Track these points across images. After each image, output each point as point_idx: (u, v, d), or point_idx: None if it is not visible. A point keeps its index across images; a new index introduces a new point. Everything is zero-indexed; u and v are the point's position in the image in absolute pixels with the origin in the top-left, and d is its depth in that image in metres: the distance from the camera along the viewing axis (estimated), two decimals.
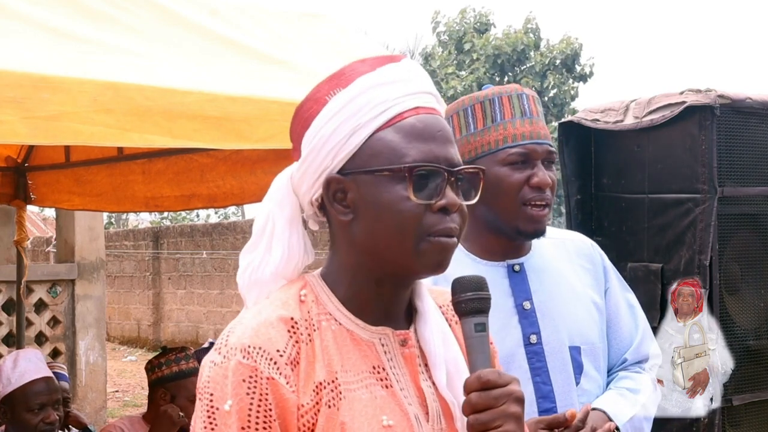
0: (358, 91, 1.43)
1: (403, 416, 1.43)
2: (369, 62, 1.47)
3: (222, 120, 2.92)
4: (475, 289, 1.46)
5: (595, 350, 2.34)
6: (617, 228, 4.02)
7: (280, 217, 1.48)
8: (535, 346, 2.28)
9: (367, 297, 1.46)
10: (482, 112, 2.31)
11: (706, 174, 3.69)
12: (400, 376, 1.46)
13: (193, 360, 4.17)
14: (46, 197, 5.45)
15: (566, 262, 2.40)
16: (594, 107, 4.08)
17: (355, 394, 1.40)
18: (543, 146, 2.28)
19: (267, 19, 3.72)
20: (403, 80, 1.45)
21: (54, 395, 3.80)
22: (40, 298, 8.30)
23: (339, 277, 1.47)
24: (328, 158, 1.43)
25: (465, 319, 1.46)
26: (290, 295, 1.45)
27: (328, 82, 1.47)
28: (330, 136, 1.42)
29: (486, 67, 24.73)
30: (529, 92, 2.34)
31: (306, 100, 1.48)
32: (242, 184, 4.71)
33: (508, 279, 2.31)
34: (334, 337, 1.43)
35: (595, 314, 2.37)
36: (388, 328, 1.47)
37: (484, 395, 1.38)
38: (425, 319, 1.50)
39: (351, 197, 1.42)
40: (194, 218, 26.06)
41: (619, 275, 2.50)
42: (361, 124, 1.41)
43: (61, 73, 2.66)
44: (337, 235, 1.47)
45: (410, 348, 1.48)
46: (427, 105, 1.45)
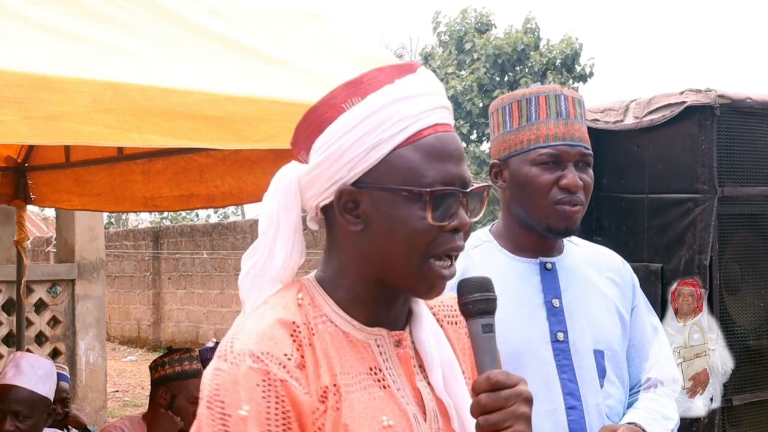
0: (378, 104, 1.43)
1: (402, 416, 1.43)
2: (387, 71, 1.46)
3: (222, 120, 2.92)
4: (482, 290, 1.47)
5: (617, 357, 2.34)
6: (617, 228, 4.01)
7: (287, 221, 1.47)
8: (562, 344, 2.28)
9: (365, 300, 1.46)
10: (518, 111, 2.32)
11: (706, 174, 3.69)
12: (396, 377, 1.46)
13: (196, 362, 4.18)
14: (46, 197, 5.45)
15: (595, 270, 2.41)
16: (594, 107, 4.08)
17: (354, 396, 1.41)
18: (576, 148, 2.28)
19: (267, 19, 3.71)
20: (422, 94, 1.45)
21: (12, 405, 3.77)
22: (40, 298, 8.30)
23: (338, 280, 1.47)
24: (344, 169, 1.43)
25: (472, 320, 1.46)
26: (289, 299, 1.45)
27: (345, 89, 1.46)
28: (348, 149, 1.42)
29: (486, 67, 24.71)
30: (570, 93, 2.33)
31: (320, 104, 1.47)
32: (241, 184, 4.71)
33: (540, 276, 2.32)
34: (332, 339, 1.43)
35: (620, 324, 2.37)
36: (383, 329, 1.47)
37: (494, 396, 1.38)
38: (420, 321, 1.51)
39: (363, 209, 1.43)
40: (194, 218, 26.05)
41: (645, 298, 2.51)
42: (383, 140, 1.42)
43: (61, 73, 2.65)
44: (340, 241, 1.47)
45: (405, 348, 1.49)
46: (444, 121, 1.47)
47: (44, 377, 3.89)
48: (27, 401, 3.78)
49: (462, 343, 1.58)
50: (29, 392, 3.79)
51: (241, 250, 14.18)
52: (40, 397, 3.82)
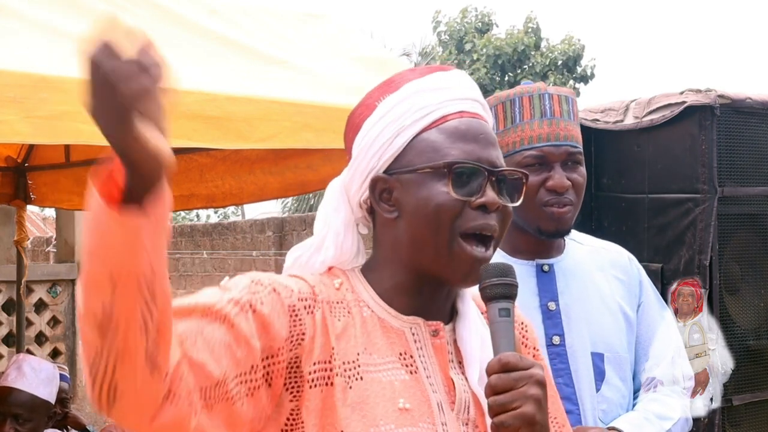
0: (404, 95, 1.49)
1: (423, 401, 1.46)
2: (419, 71, 1.54)
3: (222, 120, 2.92)
4: (500, 275, 1.47)
5: (619, 359, 2.31)
6: (617, 228, 4.01)
7: (336, 219, 1.53)
8: (558, 348, 2.26)
9: (405, 290, 1.50)
10: (503, 113, 2.31)
11: (706, 174, 3.69)
12: (428, 364, 1.49)
13: None
14: (46, 197, 5.45)
15: (599, 270, 2.38)
16: (594, 107, 4.08)
17: (374, 376, 1.44)
18: (562, 148, 2.26)
19: (267, 19, 3.72)
20: (450, 87, 1.50)
21: (13, 408, 3.77)
22: (40, 298, 8.30)
23: (380, 271, 1.52)
24: (374, 159, 1.49)
25: (489, 304, 1.47)
26: (323, 278, 1.50)
27: (378, 89, 1.53)
28: (376, 138, 1.49)
29: (487, 67, 24.73)
30: (556, 91, 2.31)
31: (357, 107, 1.55)
32: (241, 183, 4.71)
33: (536, 278, 2.31)
34: (363, 322, 1.47)
35: (623, 324, 2.34)
36: (419, 318, 1.51)
37: (504, 377, 1.40)
38: (465, 320, 1.54)
39: (396, 196, 1.48)
40: (194, 218, 26.06)
41: (656, 292, 2.47)
42: (406, 126, 1.47)
43: (61, 73, 2.66)
44: (381, 233, 1.52)
45: (441, 339, 1.51)
46: (472, 110, 1.50)
47: (46, 381, 3.88)
48: (28, 404, 3.78)
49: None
50: (30, 396, 3.79)
51: (241, 250, 14.17)
52: (41, 401, 3.82)
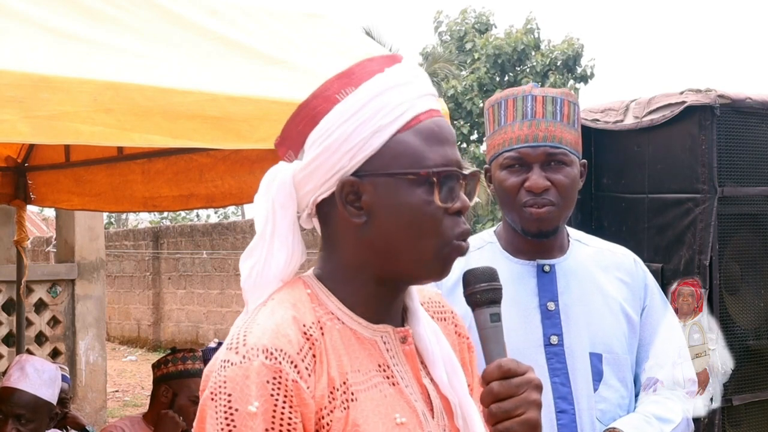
0: (374, 92, 1.42)
1: (412, 413, 1.43)
2: (377, 61, 1.47)
3: (222, 120, 2.92)
4: (489, 280, 1.47)
5: (618, 360, 2.31)
6: (617, 228, 4.01)
7: (283, 218, 1.45)
8: (556, 347, 2.27)
9: (367, 296, 1.45)
10: (492, 117, 2.36)
11: (706, 174, 3.69)
12: (404, 374, 1.46)
13: (199, 362, 4.18)
14: (46, 197, 5.45)
15: (602, 271, 2.38)
16: (594, 107, 4.08)
17: (366, 394, 1.40)
18: (539, 149, 2.27)
19: (267, 19, 3.72)
20: (412, 81, 1.46)
21: (15, 408, 3.77)
22: (40, 298, 8.30)
23: (338, 276, 1.46)
24: (344, 159, 1.41)
25: (480, 310, 1.47)
26: (297, 297, 1.43)
27: (337, 81, 1.45)
28: (349, 137, 1.40)
29: (487, 67, 24.74)
30: (541, 92, 2.31)
31: (312, 98, 1.46)
32: (241, 183, 4.71)
33: (536, 278, 2.32)
34: (341, 336, 1.42)
35: (625, 326, 2.34)
36: (388, 326, 1.47)
37: (506, 384, 1.39)
38: (417, 317, 1.51)
39: (366, 200, 1.41)
40: (194, 218, 26.06)
41: (662, 295, 2.47)
42: (383, 126, 1.41)
43: (61, 73, 2.66)
44: (340, 236, 1.45)
45: (410, 345, 1.48)
46: (436, 107, 1.48)
47: (48, 382, 3.89)
48: (30, 405, 3.79)
49: (452, 339, 1.58)
50: (33, 396, 3.79)
51: (241, 250, 14.17)
52: (43, 402, 3.82)
